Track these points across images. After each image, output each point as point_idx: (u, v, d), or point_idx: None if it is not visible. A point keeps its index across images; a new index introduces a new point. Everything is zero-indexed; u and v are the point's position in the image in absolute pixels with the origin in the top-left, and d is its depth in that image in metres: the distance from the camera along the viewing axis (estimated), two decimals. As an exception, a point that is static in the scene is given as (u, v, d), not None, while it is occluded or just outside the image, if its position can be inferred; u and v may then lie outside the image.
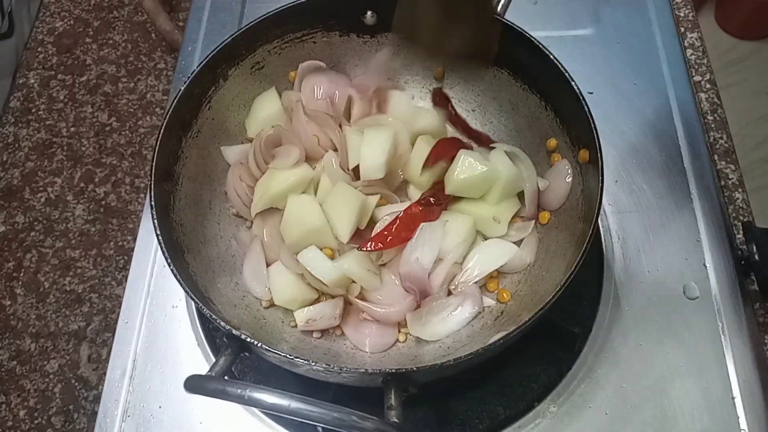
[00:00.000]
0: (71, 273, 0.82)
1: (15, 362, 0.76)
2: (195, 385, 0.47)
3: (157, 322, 0.71)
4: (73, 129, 0.92)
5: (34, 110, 0.94)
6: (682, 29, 0.91)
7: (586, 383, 0.65)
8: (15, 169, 0.89)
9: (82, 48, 1.00)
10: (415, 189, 0.68)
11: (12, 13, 0.96)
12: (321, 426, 0.46)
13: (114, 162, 0.90)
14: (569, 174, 0.65)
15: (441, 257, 0.63)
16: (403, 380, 0.50)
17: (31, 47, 0.99)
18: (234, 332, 0.51)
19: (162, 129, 0.61)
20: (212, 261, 0.64)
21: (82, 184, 0.88)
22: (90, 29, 1.01)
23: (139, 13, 1.02)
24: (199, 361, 0.69)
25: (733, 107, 0.95)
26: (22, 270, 0.82)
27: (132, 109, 0.94)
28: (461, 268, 0.64)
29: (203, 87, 0.66)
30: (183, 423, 0.66)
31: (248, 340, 0.51)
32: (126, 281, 0.74)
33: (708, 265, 0.71)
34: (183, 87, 0.63)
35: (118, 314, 0.72)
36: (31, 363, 0.76)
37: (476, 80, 0.73)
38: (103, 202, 0.87)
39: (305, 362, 0.49)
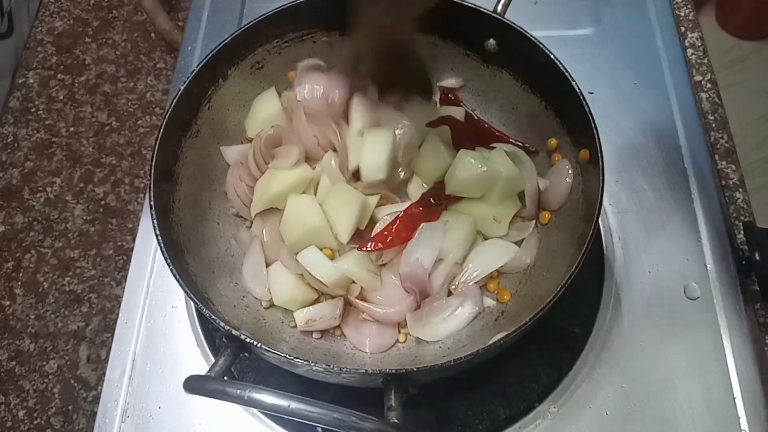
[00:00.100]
0: (70, 273, 0.81)
1: (14, 362, 0.76)
2: (194, 385, 0.47)
3: (156, 323, 0.71)
4: (72, 129, 0.92)
5: (33, 110, 0.94)
6: (683, 29, 0.90)
7: (586, 384, 0.65)
8: (14, 169, 0.89)
9: (81, 48, 0.99)
10: (415, 189, 0.68)
11: (11, 12, 0.96)
12: (321, 427, 0.46)
13: (113, 162, 0.89)
14: (570, 174, 0.64)
15: (441, 257, 0.63)
16: (403, 381, 0.50)
17: (31, 47, 0.99)
18: (233, 332, 0.51)
19: (161, 129, 0.61)
20: (212, 261, 0.64)
21: (81, 184, 0.88)
22: (89, 29, 1.01)
23: (139, 13, 1.02)
24: (198, 361, 0.69)
25: (734, 107, 0.95)
26: (22, 270, 0.82)
27: (131, 109, 0.94)
28: (461, 269, 0.64)
29: (203, 87, 0.66)
30: (182, 424, 0.66)
31: (248, 340, 0.51)
32: (125, 281, 0.74)
33: (709, 265, 0.71)
34: (183, 87, 0.63)
35: (118, 314, 0.72)
36: (30, 363, 0.76)
37: (476, 81, 0.73)
38: (102, 202, 0.86)
39: (305, 363, 0.49)
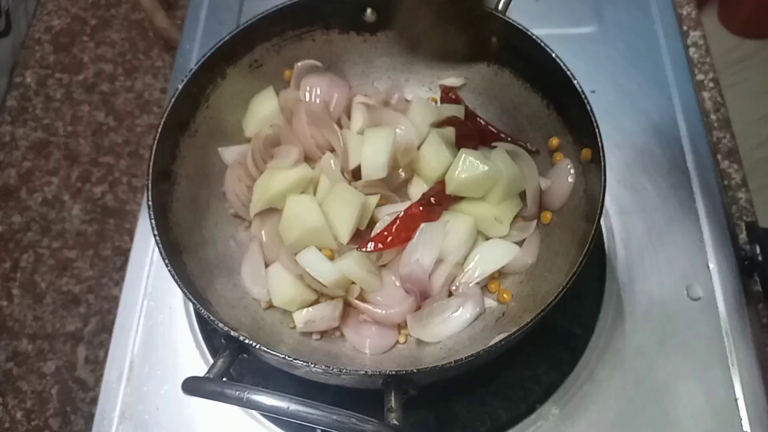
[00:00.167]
0: (68, 274, 0.81)
1: (12, 363, 0.76)
2: (193, 387, 0.46)
3: (154, 324, 0.71)
4: (70, 128, 0.92)
5: (30, 109, 0.93)
6: (685, 27, 0.90)
7: (588, 385, 0.65)
8: (11, 169, 0.88)
9: (79, 46, 0.99)
10: (416, 189, 0.68)
11: (9, 11, 0.95)
12: (320, 428, 0.45)
13: (111, 161, 0.89)
14: (571, 173, 0.64)
15: (442, 258, 0.62)
16: (404, 382, 0.50)
17: (28, 46, 0.99)
18: (232, 333, 0.51)
19: (160, 128, 0.60)
20: (210, 262, 0.64)
21: (79, 184, 0.87)
22: (87, 27, 1.01)
23: (137, 11, 1.01)
24: (197, 362, 0.68)
25: (736, 106, 0.94)
26: (19, 270, 0.81)
27: (129, 108, 0.93)
28: (462, 269, 0.63)
29: (201, 85, 0.66)
30: (181, 425, 0.65)
31: (247, 341, 0.50)
32: (123, 282, 0.73)
33: (711, 266, 0.71)
34: (181, 85, 0.63)
35: (116, 315, 0.71)
36: (27, 364, 0.76)
37: (477, 79, 0.73)
38: (100, 202, 0.86)
39: (304, 364, 0.49)
